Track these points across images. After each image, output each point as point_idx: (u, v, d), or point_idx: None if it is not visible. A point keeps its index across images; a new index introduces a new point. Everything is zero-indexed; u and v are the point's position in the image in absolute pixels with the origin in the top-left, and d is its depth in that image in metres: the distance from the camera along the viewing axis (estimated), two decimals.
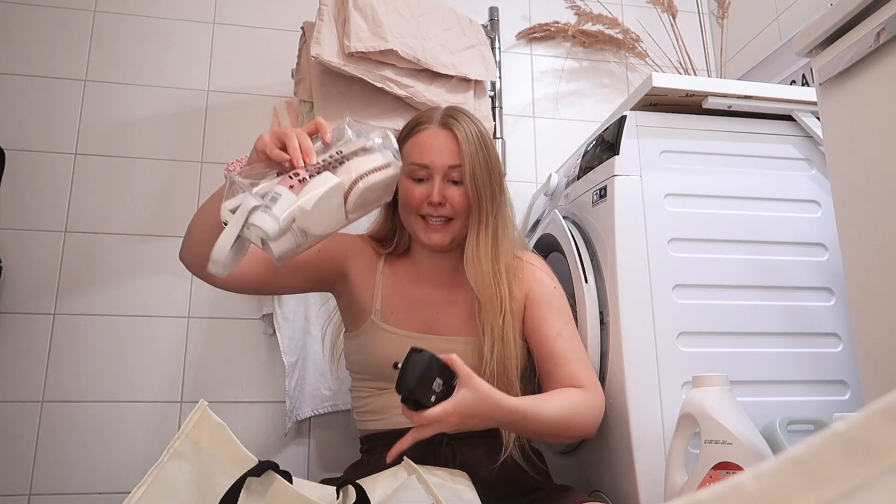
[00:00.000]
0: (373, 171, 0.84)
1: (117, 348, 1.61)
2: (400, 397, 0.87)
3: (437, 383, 0.88)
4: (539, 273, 1.14)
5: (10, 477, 1.50)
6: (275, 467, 0.78)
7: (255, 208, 0.77)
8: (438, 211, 1.07)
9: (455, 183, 1.08)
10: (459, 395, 0.87)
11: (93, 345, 1.60)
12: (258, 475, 0.76)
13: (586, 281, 1.20)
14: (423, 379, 0.85)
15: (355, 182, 0.82)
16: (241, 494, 0.74)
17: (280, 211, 0.77)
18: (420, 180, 1.08)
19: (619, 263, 1.14)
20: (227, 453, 0.78)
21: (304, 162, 0.81)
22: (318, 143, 0.86)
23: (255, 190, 0.79)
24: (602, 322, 1.16)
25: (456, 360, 0.88)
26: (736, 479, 0.27)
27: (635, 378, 1.08)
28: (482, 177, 1.06)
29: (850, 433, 0.25)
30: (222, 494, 0.73)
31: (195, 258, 1.02)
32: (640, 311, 1.12)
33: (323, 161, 0.84)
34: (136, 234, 1.69)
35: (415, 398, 0.85)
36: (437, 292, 1.14)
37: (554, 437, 1.02)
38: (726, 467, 0.87)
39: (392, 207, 1.17)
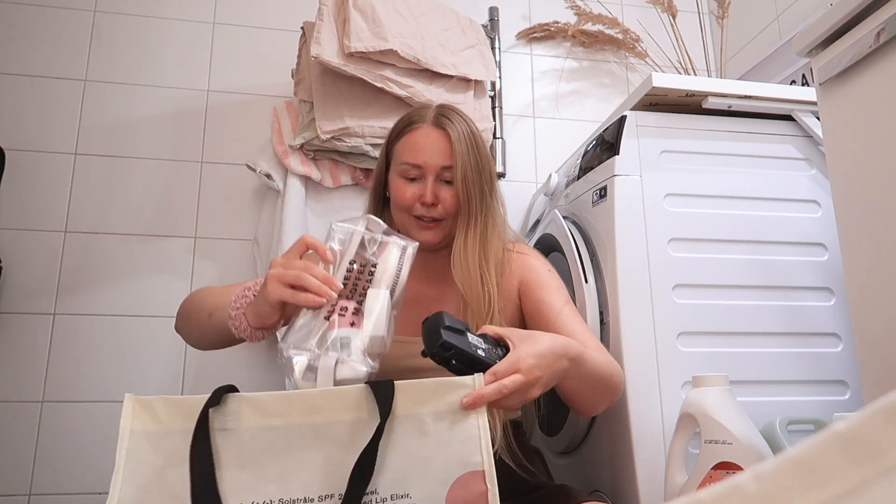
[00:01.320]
0: (402, 264, 0.82)
1: (117, 348, 1.61)
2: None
3: (477, 340, 0.78)
4: (530, 260, 1.13)
5: (10, 477, 1.50)
6: (231, 389, 0.72)
7: (336, 364, 0.74)
8: (430, 212, 1.07)
9: (447, 183, 1.08)
10: (521, 341, 0.79)
11: (93, 345, 1.60)
12: (217, 403, 0.69)
13: (586, 281, 1.20)
14: (451, 330, 0.74)
15: (395, 283, 0.81)
16: (220, 439, 0.68)
17: (359, 353, 0.75)
18: (412, 179, 1.08)
19: (619, 263, 1.14)
20: (180, 416, 0.70)
21: (335, 291, 0.77)
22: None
23: (313, 344, 0.76)
24: (602, 322, 1.16)
25: (490, 327, 0.83)
26: (736, 479, 0.27)
27: (635, 378, 1.08)
28: (472, 178, 1.06)
29: (850, 433, 0.25)
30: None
31: (197, 344, 1.05)
32: (640, 311, 1.12)
33: (349, 278, 0.80)
34: (136, 234, 1.69)
35: (457, 352, 0.73)
36: (428, 290, 1.14)
37: (596, 390, 0.95)
38: (726, 467, 0.87)
39: (380, 207, 1.16)
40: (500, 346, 0.81)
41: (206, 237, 1.72)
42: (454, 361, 0.75)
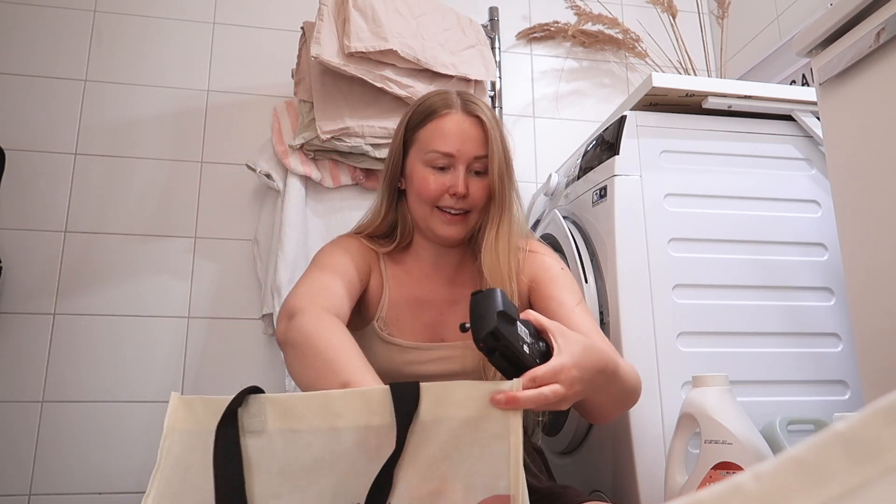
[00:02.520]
0: None
1: (117, 348, 1.61)
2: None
3: (524, 331, 0.70)
4: (542, 258, 1.08)
5: (10, 477, 1.50)
6: (256, 390, 0.69)
7: None
8: (459, 203, 1.02)
9: (476, 173, 1.03)
10: (568, 346, 0.73)
11: (93, 345, 1.60)
12: (240, 404, 0.66)
13: (586, 281, 1.20)
14: (505, 318, 0.67)
15: None
16: (251, 441, 0.66)
17: None
18: (440, 168, 1.02)
19: (619, 263, 1.14)
20: (214, 416, 0.68)
21: None
22: None
23: None
24: (602, 322, 1.16)
25: (534, 314, 0.76)
26: (736, 479, 0.27)
27: None
28: (504, 168, 1.02)
29: (850, 433, 0.25)
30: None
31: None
32: (640, 311, 1.12)
33: None
34: (136, 234, 1.69)
35: (504, 345, 0.66)
36: (440, 290, 1.09)
37: (618, 404, 0.91)
38: (726, 467, 0.87)
39: (393, 198, 1.11)
40: (542, 340, 0.75)
41: (206, 237, 1.72)
42: (497, 353, 0.68)
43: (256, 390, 0.70)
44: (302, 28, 1.67)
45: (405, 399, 0.65)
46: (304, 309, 0.86)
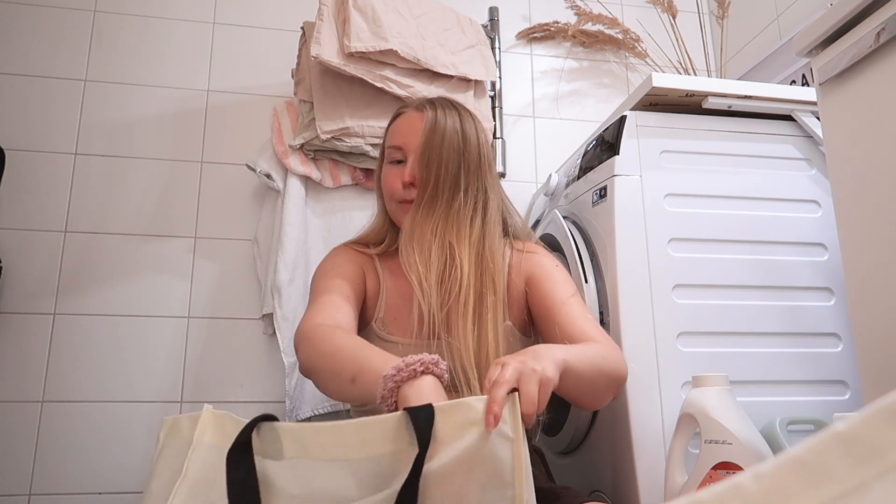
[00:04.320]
0: None
1: (117, 348, 1.61)
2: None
3: None
4: (537, 257, 1.12)
5: (10, 477, 1.50)
6: (270, 418, 0.69)
7: None
8: (409, 193, 1.08)
9: None
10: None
11: (93, 345, 1.60)
12: (249, 433, 0.67)
13: (586, 281, 1.20)
14: None
15: None
16: (270, 467, 0.66)
17: None
18: (399, 163, 1.10)
19: (619, 263, 1.14)
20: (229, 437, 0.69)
21: None
22: None
23: None
24: (602, 322, 1.16)
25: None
26: (736, 479, 0.27)
27: (635, 378, 1.08)
28: (439, 154, 1.04)
29: (850, 433, 0.25)
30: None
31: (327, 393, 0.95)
32: (640, 311, 1.12)
33: None
34: (136, 234, 1.69)
35: None
36: None
37: (591, 386, 0.92)
38: (726, 467, 0.87)
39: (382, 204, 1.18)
40: None
41: (206, 237, 1.72)
42: None
43: (270, 418, 0.70)
44: (302, 28, 1.67)
45: (422, 423, 0.65)
46: (319, 326, 0.94)
